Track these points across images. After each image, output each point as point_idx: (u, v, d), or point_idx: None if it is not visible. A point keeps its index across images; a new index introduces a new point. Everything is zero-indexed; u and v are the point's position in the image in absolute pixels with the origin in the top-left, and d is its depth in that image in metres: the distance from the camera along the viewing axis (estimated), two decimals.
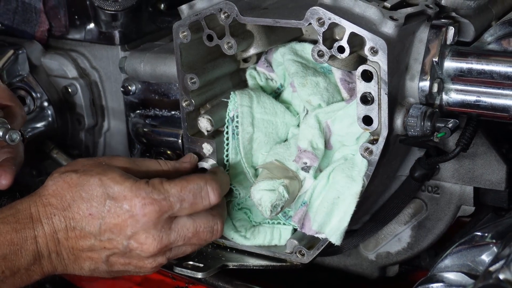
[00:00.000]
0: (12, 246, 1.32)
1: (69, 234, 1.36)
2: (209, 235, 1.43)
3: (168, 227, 1.38)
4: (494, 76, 1.39)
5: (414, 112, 1.37)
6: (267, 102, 1.54)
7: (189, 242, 1.41)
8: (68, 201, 1.36)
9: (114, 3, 1.76)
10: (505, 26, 1.46)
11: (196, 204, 1.39)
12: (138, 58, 1.74)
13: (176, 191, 1.37)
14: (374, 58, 1.30)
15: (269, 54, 1.57)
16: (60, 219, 1.36)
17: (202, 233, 1.42)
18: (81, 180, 1.37)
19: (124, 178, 1.37)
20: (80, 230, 1.36)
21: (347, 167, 1.41)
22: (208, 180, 1.41)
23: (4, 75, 1.78)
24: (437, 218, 1.59)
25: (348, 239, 1.58)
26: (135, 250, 1.38)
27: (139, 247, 1.37)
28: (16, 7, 1.88)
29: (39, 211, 1.36)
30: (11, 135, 1.46)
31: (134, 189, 1.35)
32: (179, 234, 1.39)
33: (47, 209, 1.36)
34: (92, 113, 1.87)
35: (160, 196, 1.36)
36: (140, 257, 1.39)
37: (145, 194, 1.35)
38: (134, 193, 1.35)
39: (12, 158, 1.54)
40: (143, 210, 1.35)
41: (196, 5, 1.48)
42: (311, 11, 1.32)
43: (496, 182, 1.52)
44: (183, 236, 1.40)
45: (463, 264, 1.23)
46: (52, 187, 1.38)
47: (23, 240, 1.33)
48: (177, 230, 1.39)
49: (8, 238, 1.32)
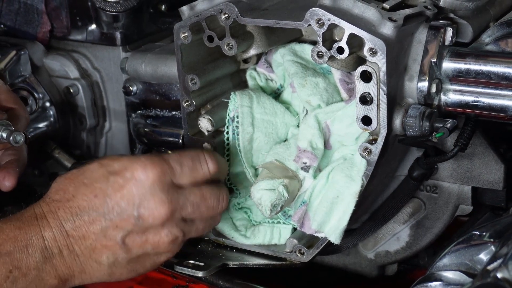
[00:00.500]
0: (17, 243, 1.30)
1: (76, 223, 1.33)
2: (216, 202, 1.42)
3: (174, 191, 1.36)
4: (492, 76, 1.39)
5: (412, 112, 1.38)
6: (267, 102, 1.54)
7: (198, 210, 1.40)
8: (71, 192, 1.34)
9: (115, 4, 1.76)
10: (503, 27, 1.47)
11: (196, 170, 1.39)
12: (139, 59, 1.74)
13: (175, 156, 1.38)
14: (373, 58, 1.31)
15: (269, 55, 1.58)
16: (65, 210, 1.33)
17: (210, 199, 1.41)
18: (81, 173, 1.36)
19: (122, 155, 1.38)
20: (88, 215, 1.33)
21: (346, 167, 1.42)
22: (204, 151, 1.44)
23: (6, 75, 1.78)
24: (435, 218, 1.60)
25: (347, 238, 1.58)
26: (148, 219, 1.34)
27: (150, 214, 1.34)
28: (18, 8, 1.88)
29: (43, 210, 1.34)
30: (15, 137, 1.47)
31: (133, 159, 1.36)
32: (187, 198, 1.38)
33: (51, 206, 1.34)
34: (93, 114, 1.87)
35: (160, 160, 1.36)
36: (154, 228, 1.36)
37: (144, 159, 1.35)
38: (134, 161, 1.35)
39: (16, 160, 1.55)
40: (146, 173, 1.34)
41: (196, 7, 1.48)
42: (310, 12, 1.33)
43: (494, 182, 1.52)
44: (191, 201, 1.38)
45: (461, 263, 1.23)
46: (54, 187, 1.37)
47: (28, 236, 1.31)
48: (184, 194, 1.37)
49: (12, 236, 1.30)
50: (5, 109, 1.54)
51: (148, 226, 1.35)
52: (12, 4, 1.88)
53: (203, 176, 1.40)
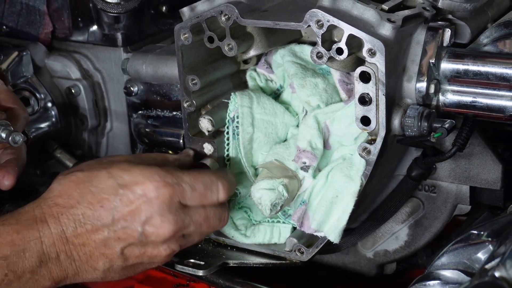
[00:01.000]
0: (14, 247, 1.27)
1: (78, 231, 1.31)
2: (217, 222, 1.44)
3: (181, 211, 1.36)
4: (490, 77, 1.40)
5: (411, 112, 1.38)
6: (267, 103, 1.55)
7: (199, 229, 1.41)
8: (76, 198, 1.32)
9: (116, 6, 1.77)
10: (501, 28, 1.47)
11: (205, 196, 1.39)
12: (140, 60, 1.75)
13: (189, 179, 1.37)
14: (372, 59, 1.32)
15: (269, 55, 1.59)
16: (68, 217, 1.31)
17: (212, 220, 1.42)
18: (88, 177, 1.34)
19: (132, 166, 1.35)
20: (91, 225, 1.32)
21: (346, 167, 1.42)
22: (220, 177, 1.42)
23: (8, 76, 1.79)
24: (434, 217, 1.60)
25: (347, 238, 1.59)
26: (151, 236, 1.35)
27: (154, 232, 1.34)
28: (21, 10, 1.88)
29: (44, 213, 1.31)
30: (14, 137, 1.47)
31: (146, 174, 1.34)
32: (192, 219, 1.38)
33: (53, 209, 1.31)
34: (95, 114, 1.87)
35: (174, 181, 1.35)
36: (155, 243, 1.36)
37: (158, 178, 1.34)
38: (146, 177, 1.33)
39: (15, 159, 1.54)
40: (157, 193, 1.33)
41: (197, 8, 1.49)
42: (310, 13, 1.34)
43: (491, 182, 1.53)
44: (195, 221, 1.39)
45: (459, 262, 1.23)
46: (57, 188, 1.35)
47: (25, 240, 1.28)
48: (190, 215, 1.38)
49: (9, 239, 1.28)
50: (4, 109, 1.54)
51: (149, 242, 1.36)
52: (14, 6, 1.88)
53: (211, 202, 1.41)
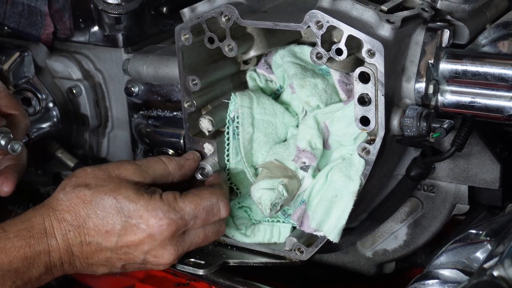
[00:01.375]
0: (25, 261, 1.34)
1: (84, 249, 1.38)
2: (214, 237, 1.50)
3: (182, 239, 1.43)
4: (488, 77, 1.40)
5: (410, 113, 1.39)
6: (267, 103, 1.55)
7: (198, 245, 1.48)
8: (83, 218, 1.38)
9: (117, 7, 1.77)
10: (499, 29, 1.48)
11: (208, 220, 1.45)
12: (141, 60, 1.76)
13: (191, 209, 1.42)
14: (371, 60, 1.32)
15: (269, 56, 1.59)
16: (75, 234, 1.37)
17: (210, 236, 1.48)
18: (95, 197, 1.38)
19: (138, 196, 1.39)
20: (96, 245, 1.38)
21: (345, 167, 1.43)
22: (220, 197, 1.46)
23: (10, 76, 1.79)
24: (432, 216, 1.61)
25: (346, 237, 1.59)
26: (151, 263, 1.43)
27: (155, 260, 1.42)
28: (22, 10, 1.88)
29: (53, 226, 1.37)
30: (13, 145, 1.48)
31: (150, 209, 1.38)
32: (192, 242, 1.45)
33: (61, 225, 1.37)
34: (96, 114, 1.88)
35: (177, 216, 1.40)
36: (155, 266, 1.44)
37: (162, 215, 1.38)
38: (150, 213, 1.38)
39: (15, 165, 1.55)
40: (160, 229, 1.39)
41: (197, 9, 1.49)
42: (309, 14, 1.34)
43: (490, 181, 1.53)
44: (195, 243, 1.46)
45: (458, 261, 1.24)
46: (65, 203, 1.39)
47: (36, 254, 1.35)
48: (190, 240, 1.45)
49: (22, 253, 1.33)
50: (5, 115, 1.55)
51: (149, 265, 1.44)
52: (16, 7, 1.89)
53: (213, 222, 1.47)
